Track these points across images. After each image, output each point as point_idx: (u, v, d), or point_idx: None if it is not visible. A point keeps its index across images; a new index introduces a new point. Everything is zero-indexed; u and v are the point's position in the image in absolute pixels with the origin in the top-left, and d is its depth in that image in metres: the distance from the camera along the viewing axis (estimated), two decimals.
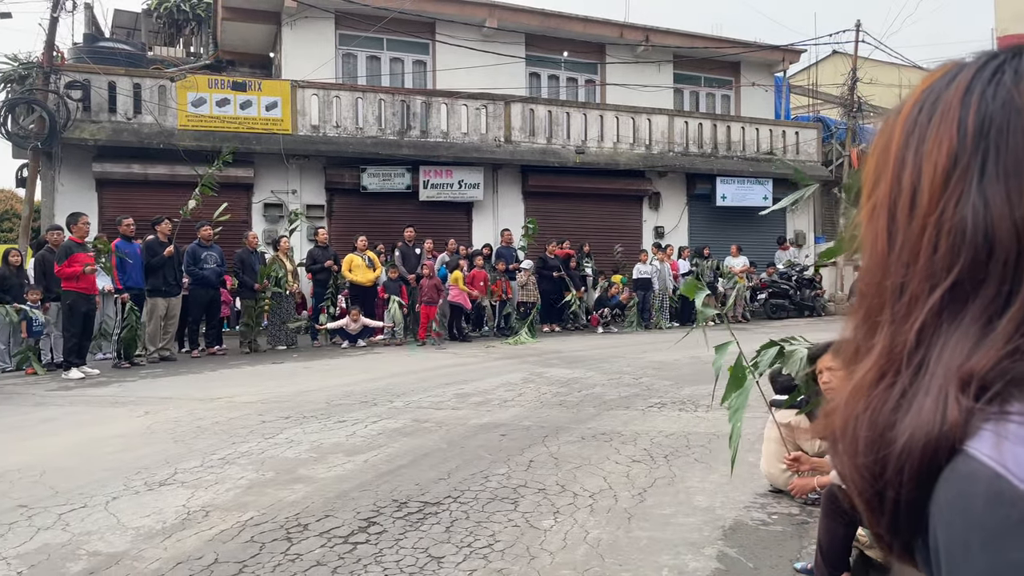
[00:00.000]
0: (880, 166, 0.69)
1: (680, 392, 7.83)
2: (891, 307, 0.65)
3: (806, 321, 16.93)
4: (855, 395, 0.64)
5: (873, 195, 0.69)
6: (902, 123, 0.68)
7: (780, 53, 21.98)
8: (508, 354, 11.32)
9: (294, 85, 15.18)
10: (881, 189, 0.68)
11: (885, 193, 0.67)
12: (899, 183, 0.66)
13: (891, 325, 0.64)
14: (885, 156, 0.68)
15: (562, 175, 17.49)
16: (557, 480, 4.83)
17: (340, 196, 16.03)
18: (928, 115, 0.65)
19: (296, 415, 6.81)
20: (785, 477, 4.34)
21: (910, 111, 0.68)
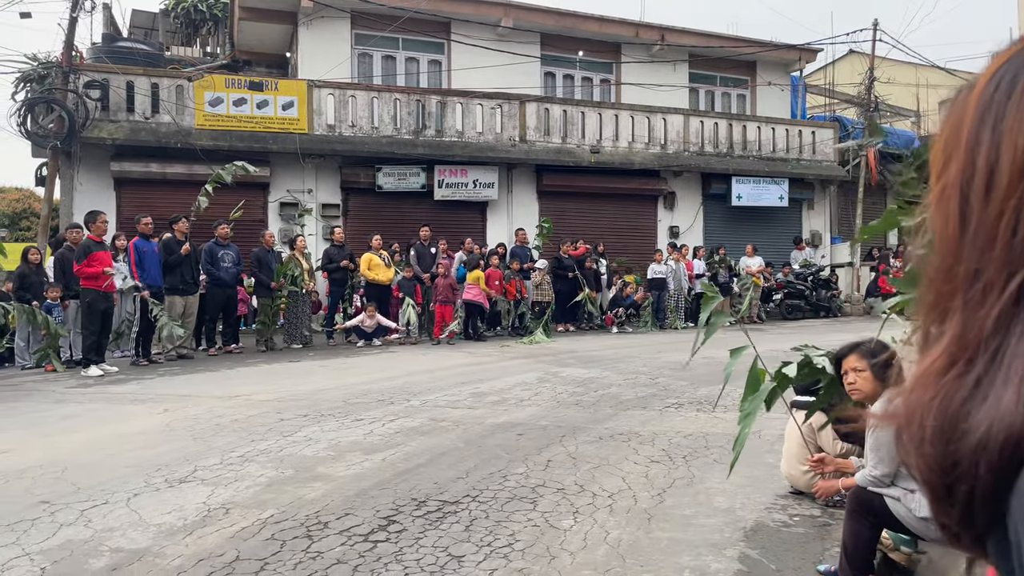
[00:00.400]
0: (950, 145, 0.65)
1: (697, 392, 7.80)
2: (964, 293, 0.62)
3: (822, 322, 16.83)
4: (923, 383, 0.61)
5: (943, 176, 0.65)
6: (976, 100, 0.64)
7: (796, 52, 21.84)
8: (523, 354, 11.32)
9: (310, 85, 15.23)
10: (952, 170, 0.65)
11: (957, 174, 0.64)
12: (973, 163, 0.63)
13: (963, 312, 0.61)
14: (956, 135, 0.65)
15: (577, 175, 17.47)
16: (576, 480, 4.81)
17: (355, 195, 16.08)
18: (1007, 92, 0.62)
19: (314, 413, 6.83)
20: (806, 479, 4.31)
21: (984, 88, 0.65)
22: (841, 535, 3.49)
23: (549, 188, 17.37)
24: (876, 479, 3.06)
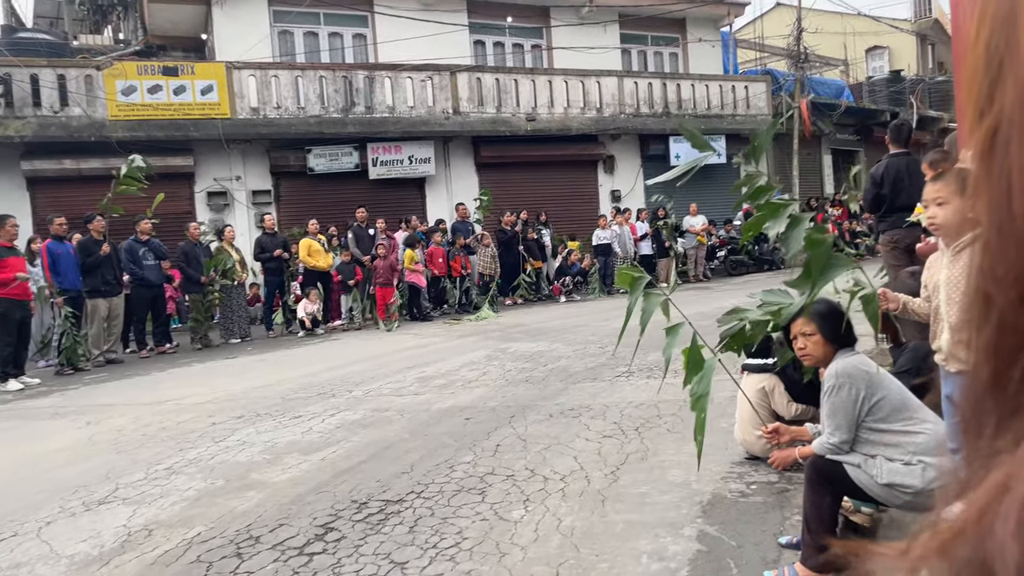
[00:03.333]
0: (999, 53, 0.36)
1: (647, 359, 7.64)
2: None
3: (766, 275, 16.95)
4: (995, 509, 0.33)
5: (993, 108, 0.36)
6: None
7: (725, 7, 21.74)
8: (470, 331, 11.06)
9: (229, 66, 14.53)
10: (1008, 97, 0.35)
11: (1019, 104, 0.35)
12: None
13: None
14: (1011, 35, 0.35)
15: (514, 144, 17.14)
16: (526, 464, 4.59)
17: (287, 180, 15.51)
18: None
19: (249, 414, 6.47)
20: (761, 444, 4.16)
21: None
22: (801, 503, 3.33)
23: (487, 160, 17.02)
24: (834, 446, 2.89)
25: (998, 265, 0.36)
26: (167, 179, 13.79)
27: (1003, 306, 0.36)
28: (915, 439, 2.81)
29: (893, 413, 2.84)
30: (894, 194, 6.55)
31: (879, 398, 2.85)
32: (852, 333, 3.06)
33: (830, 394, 2.90)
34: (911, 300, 2.83)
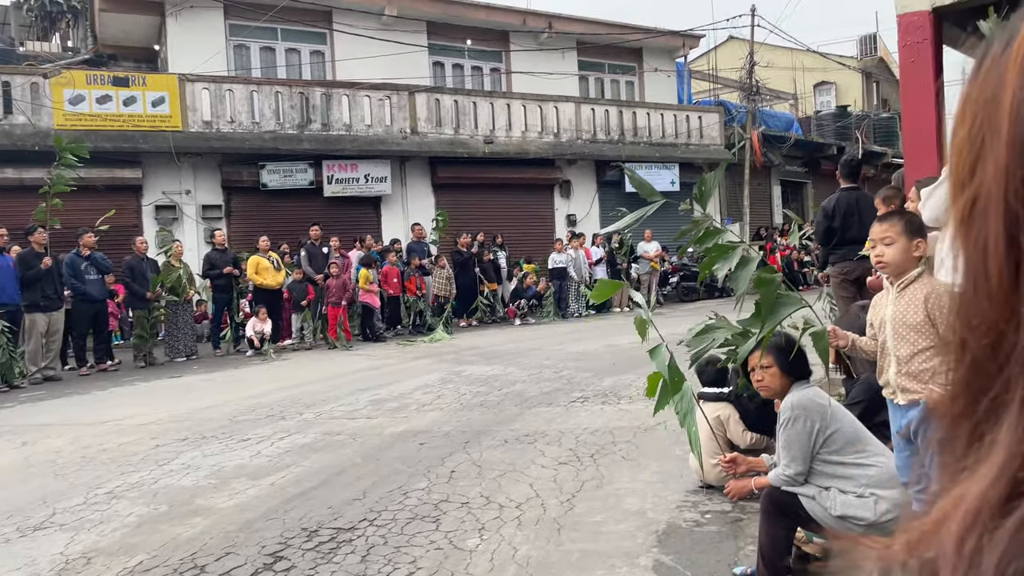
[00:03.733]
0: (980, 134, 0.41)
1: (602, 383, 7.68)
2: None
3: (717, 302, 17.19)
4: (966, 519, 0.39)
5: (973, 182, 0.42)
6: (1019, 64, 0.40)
7: (680, 39, 22.24)
8: (425, 353, 10.96)
9: (182, 79, 14.28)
10: (988, 172, 0.41)
11: (997, 179, 0.40)
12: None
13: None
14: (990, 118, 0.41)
15: (472, 166, 17.16)
16: (481, 491, 4.54)
17: (238, 195, 15.24)
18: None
19: (194, 436, 6.28)
20: (716, 472, 4.19)
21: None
22: (755, 533, 3.36)
23: (444, 180, 17.00)
24: (790, 478, 2.92)
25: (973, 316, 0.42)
26: (114, 191, 13.51)
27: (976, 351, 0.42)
28: (867, 472, 2.85)
29: (847, 446, 2.89)
30: (844, 227, 6.71)
31: (833, 431, 2.90)
32: (807, 366, 3.12)
33: (786, 426, 2.94)
34: (859, 338, 2.91)
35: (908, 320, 2.74)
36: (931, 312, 2.69)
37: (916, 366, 2.72)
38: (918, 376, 2.71)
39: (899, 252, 2.74)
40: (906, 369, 2.74)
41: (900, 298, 2.79)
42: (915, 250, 2.78)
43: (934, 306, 2.68)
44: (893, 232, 2.75)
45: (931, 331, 2.69)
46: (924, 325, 2.70)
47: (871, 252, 2.85)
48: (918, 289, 2.75)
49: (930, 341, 2.68)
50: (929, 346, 2.69)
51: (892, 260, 2.75)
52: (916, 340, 2.72)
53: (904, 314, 2.75)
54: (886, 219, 2.84)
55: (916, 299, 2.73)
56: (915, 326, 2.72)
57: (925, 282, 2.77)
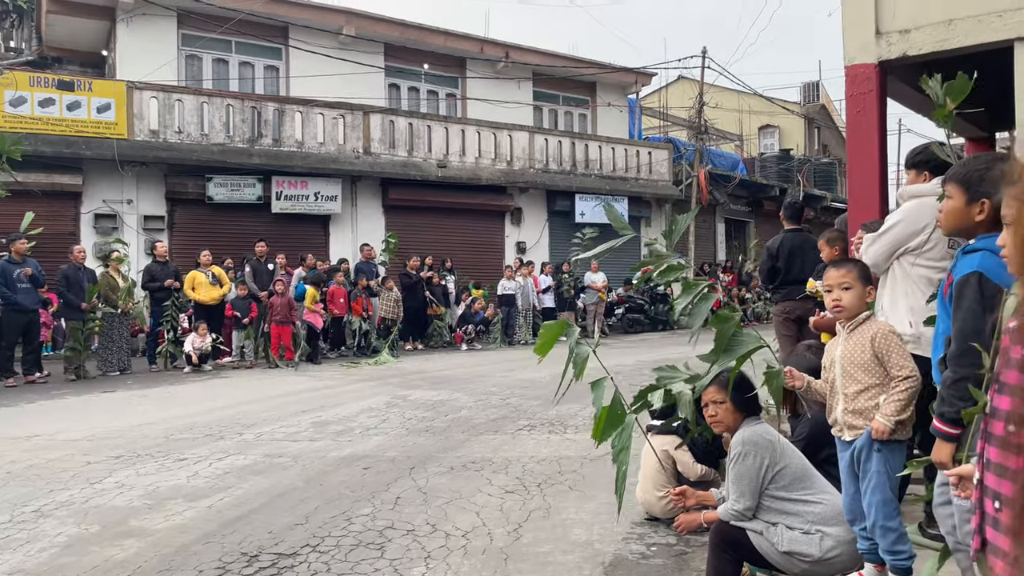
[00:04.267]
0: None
1: (548, 412, 7.69)
2: None
3: (660, 335, 17.50)
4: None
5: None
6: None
7: (633, 75, 22.76)
8: (369, 376, 10.83)
9: (130, 86, 13.98)
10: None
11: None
12: None
13: None
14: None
15: (424, 189, 17.16)
16: (427, 519, 4.48)
17: (183, 207, 14.90)
18: None
19: (129, 454, 6.06)
20: (662, 505, 4.23)
21: None
22: (701, 566, 3.40)
23: (396, 202, 16.95)
24: (739, 513, 2.96)
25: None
26: (52, 198, 13.09)
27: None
28: (814, 508, 2.92)
29: (794, 482, 2.96)
30: (788, 267, 6.90)
31: (782, 467, 2.97)
32: (758, 402, 3.19)
33: (736, 461, 2.99)
34: (814, 381, 3.01)
35: (856, 359, 2.85)
36: (877, 350, 2.80)
37: (861, 403, 2.82)
38: (863, 413, 2.81)
39: (855, 297, 2.86)
40: (852, 406, 2.84)
41: (849, 339, 2.90)
42: (868, 296, 2.90)
43: (880, 345, 2.79)
44: (850, 278, 2.87)
45: (877, 369, 2.80)
46: (871, 363, 2.81)
47: (826, 295, 2.95)
48: (865, 330, 2.86)
49: (876, 379, 2.80)
50: (875, 383, 2.80)
51: (849, 304, 2.86)
52: (863, 378, 2.83)
53: (852, 353, 2.87)
54: (843, 265, 2.95)
55: (863, 339, 2.84)
56: (862, 364, 2.82)
57: (871, 323, 2.89)
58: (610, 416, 2.90)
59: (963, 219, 2.47)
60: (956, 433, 2.25)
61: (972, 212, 2.44)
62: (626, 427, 2.84)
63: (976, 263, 2.29)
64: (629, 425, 2.85)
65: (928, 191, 3.55)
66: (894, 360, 2.77)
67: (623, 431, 2.83)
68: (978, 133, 8.25)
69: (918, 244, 3.35)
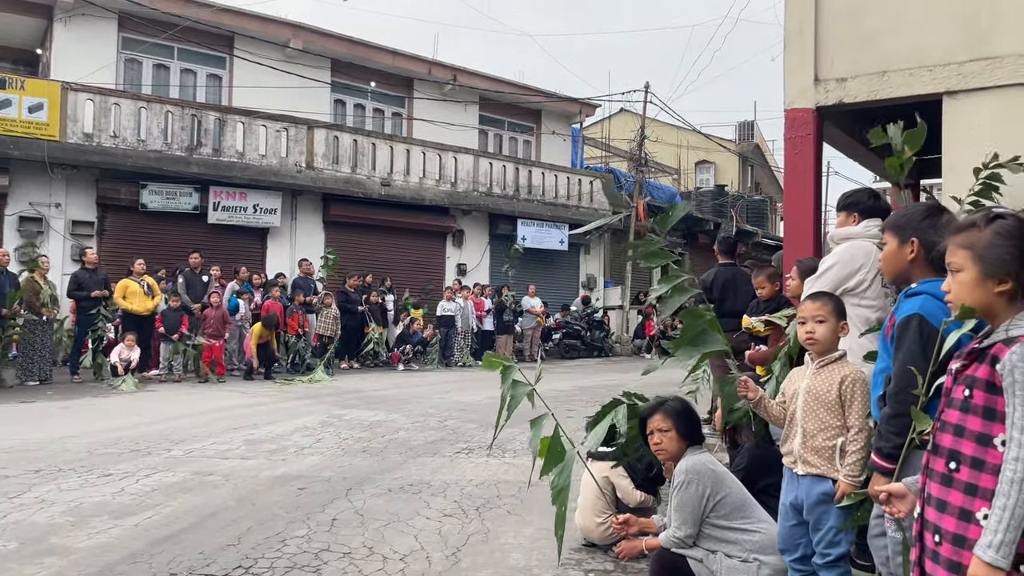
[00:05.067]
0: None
1: (486, 436, 7.68)
2: None
3: (596, 361, 17.69)
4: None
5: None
6: None
7: (578, 106, 23.18)
8: (304, 393, 10.63)
9: (65, 87, 13.53)
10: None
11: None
12: None
13: None
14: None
15: (366, 206, 17.04)
16: (363, 541, 4.42)
17: (114, 213, 14.42)
18: None
19: (49, 468, 5.80)
20: (601, 531, 4.27)
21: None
22: None
23: (337, 218, 16.77)
24: (680, 540, 3.03)
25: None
26: None
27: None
28: (752, 537, 3.00)
29: (734, 511, 3.04)
30: (721, 300, 7.07)
31: (722, 496, 3.04)
32: (701, 431, 3.27)
33: (679, 489, 3.06)
34: (768, 397, 3.06)
35: (821, 397, 2.88)
36: (843, 394, 2.84)
37: (820, 442, 2.85)
38: (820, 452, 2.84)
39: (829, 331, 2.91)
40: (811, 443, 2.87)
41: (817, 375, 2.93)
42: (841, 331, 2.96)
43: (847, 390, 2.84)
44: (825, 312, 2.92)
45: (840, 411, 2.84)
46: (835, 404, 2.85)
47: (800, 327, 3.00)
48: (836, 370, 2.90)
49: (837, 420, 2.83)
50: (835, 425, 2.84)
51: (822, 337, 2.91)
52: (824, 417, 2.87)
53: (818, 390, 2.90)
54: (819, 298, 3.02)
55: (832, 379, 2.88)
56: (826, 404, 2.86)
57: (843, 365, 2.93)
58: (551, 451, 2.92)
59: (898, 261, 2.60)
60: (893, 468, 2.34)
61: (904, 253, 2.55)
62: (566, 465, 2.85)
63: (917, 306, 2.39)
64: (570, 463, 2.86)
65: (858, 233, 3.71)
66: (855, 409, 2.81)
67: (563, 470, 2.84)
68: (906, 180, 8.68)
69: (856, 284, 3.48)
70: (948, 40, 5.34)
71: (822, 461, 2.82)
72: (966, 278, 1.74)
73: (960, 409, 1.66)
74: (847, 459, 2.76)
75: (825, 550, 2.80)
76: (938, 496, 1.67)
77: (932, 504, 1.69)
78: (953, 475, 1.64)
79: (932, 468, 1.72)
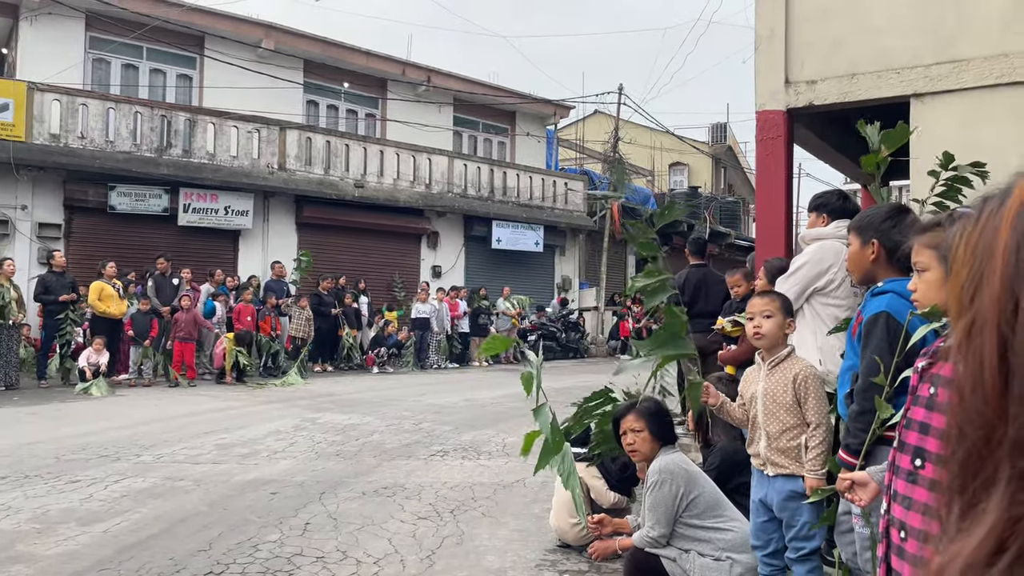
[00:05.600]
0: (978, 271, 0.56)
1: (461, 438, 7.67)
2: (1011, 462, 0.51)
3: (572, 362, 17.72)
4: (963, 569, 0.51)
5: (972, 308, 0.55)
6: (1011, 220, 0.55)
7: (552, 107, 23.22)
8: (276, 397, 10.53)
9: (31, 87, 13.28)
10: (985, 302, 0.54)
11: (992, 308, 0.53)
12: (1014, 295, 0.52)
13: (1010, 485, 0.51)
14: (988, 260, 0.55)
15: (340, 208, 16.91)
16: (337, 545, 4.39)
17: (82, 215, 14.17)
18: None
19: (15, 474, 5.69)
20: (575, 532, 4.28)
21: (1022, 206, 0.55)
22: None
23: (310, 220, 16.62)
24: (653, 540, 3.04)
25: (971, 412, 0.54)
26: None
27: (972, 440, 0.53)
28: (725, 536, 3.02)
29: (707, 510, 3.05)
30: (693, 301, 7.11)
31: (696, 495, 3.06)
32: (674, 432, 3.29)
33: (653, 489, 3.07)
34: (728, 402, 3.09)
35: (778, 399, 2.91)
36: (798, 392, 2.89)
37: (784, 443, 2.89)
38: (786, 452, 2.89)
39: (775, 326, 2.96)
40: (776, 445, 2.91)
41: (771, 376, 2.98)
42: (788, 328, 3.00)
43: (800, 387, 2.88)
44: (772, 307, 2.97)
45: (798, 410, 2.88)
46: (792, 404, 2.88)
47: (748, 323, 3.05)
48: (787, 368, 2.95)
49: (797, 419, 2.88)
50: (797, 424, 2.88)
51: (768, 332, 2.95)
52: (785, 418, 2.90)
53: (775, 392, 2.94)
54: (766, 295, 3.07)
55: (786, 378, 2.93)
56: (784, 405, 2.90)
57: (793, 361, 2.97)
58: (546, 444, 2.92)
59: (861, 262, 2.64)
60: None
61: (866, 254, 2.60)
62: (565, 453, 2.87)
63: (884, 304, 2.42)
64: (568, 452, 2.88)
65: (828, 234, 3.76)
66: (811, 404, 2.85)
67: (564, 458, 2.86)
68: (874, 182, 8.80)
69: (825, 284, 3.53)
70: (915, 43, 5.43)
71: (789, 461, 2.86)
72: (932, 277, 1.77)
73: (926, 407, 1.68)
74: (809, 454, 2.81)
75: (799, 544, 2.84)
76: (904, 493, 1.69)
77: (898, 500, 1.71)
78: (918, 472, 1.66)
79: (898, 465, 1.73)
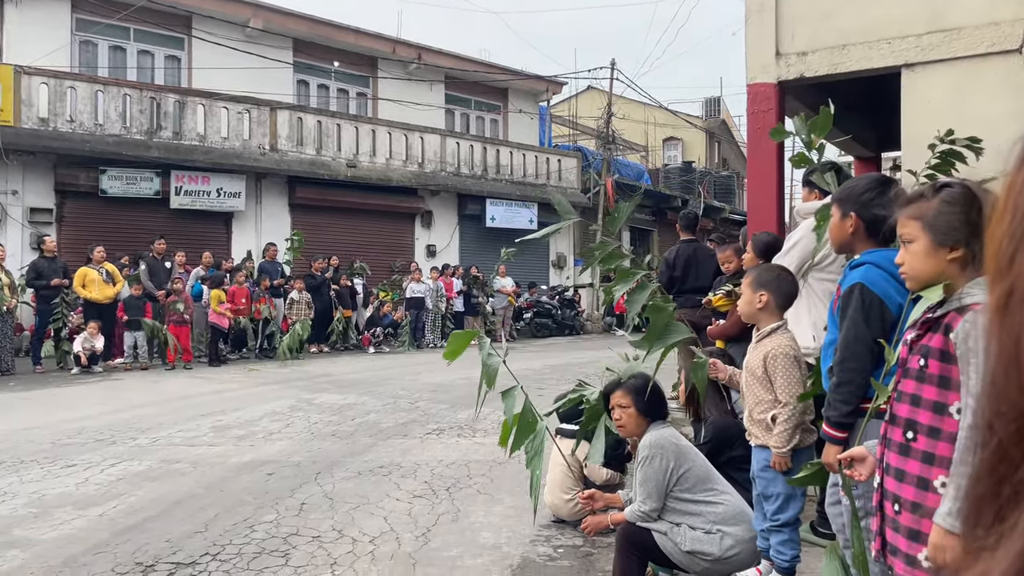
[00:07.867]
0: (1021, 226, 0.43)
1: (457, 416, 7.70)
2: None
3: (567, 339, 17.78)
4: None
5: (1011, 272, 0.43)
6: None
7: (544, 83, 23.06)
8: (272, 378, 10.54)
9: (18, 71, 13.15)
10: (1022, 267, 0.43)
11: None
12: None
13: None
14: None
15: (332, 188, 16.84)
16: (333, 524, 4.41)
17: (73, 200, 14.10)
18: None
19: (11, 460, 5.70)
20: (569, 507, 4.31)
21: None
22: (607, 567, 3.48)
23: (302, 201, 16.56)
24: (645, 514, 3.06)
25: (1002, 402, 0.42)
26: None
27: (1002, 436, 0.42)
28: (715, 509, 3.05)
29: (698, 484, 3.07)
30: (684, 276, 7.10)
31: (686, 469, 3.08)
32: (664, 406, 3.30)
33: (643, 464, 3.09)
34: (737, 372, 3.14)
35: (754, 372, 2.97)
36: (768, 368, 2.93)
37: (756, 415, 2.98)
38: (759, 424, 2.96)
39: (744, 302, 3.01)
40: (752, 416, 2.99)
41: (755, 349, 3.02)
42: (758, 302, 3.01)
43: (770, 365, 2.93)
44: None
45: (770, 386, 2.92)
46: (764, 380, 2.94)
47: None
48: (767, 344, 2.99)
49: (769, 394, 2.93)
50: (768, 399, 2.93)
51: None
52: (758, 392, 2.97)
53: (752, 366, 3.00)
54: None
55: (761, 354, 2.97)
56: (758, 379, 2.96)
57: (772, 338, 3.00)
58: (521, 424, 2.94)
59: (840, 234, 2.63)
60: (843, 436, 2.38)
61: (845, 226, 2.58)
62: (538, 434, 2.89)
63: (859, 275, 2.42)
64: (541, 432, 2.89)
65: None
66: (778, 383, 2.89)
67: (535, 438, 2.87)
68: (866, 153, 8.79)
69: (820, 259, 3.54)
70: (906, 13, 5.38)
71: (761, 431, 2.93)
72: (918, 248, 1.76)
73: (916, 379, 1.68)
74: (775, 429, 2.86)
75: (774, 515, 2.90)
76: (896, 466, 1.69)
77: (891, 473, 1.71)
78: (911, 444, 1.66)
79: (890, 438, 1.74)
